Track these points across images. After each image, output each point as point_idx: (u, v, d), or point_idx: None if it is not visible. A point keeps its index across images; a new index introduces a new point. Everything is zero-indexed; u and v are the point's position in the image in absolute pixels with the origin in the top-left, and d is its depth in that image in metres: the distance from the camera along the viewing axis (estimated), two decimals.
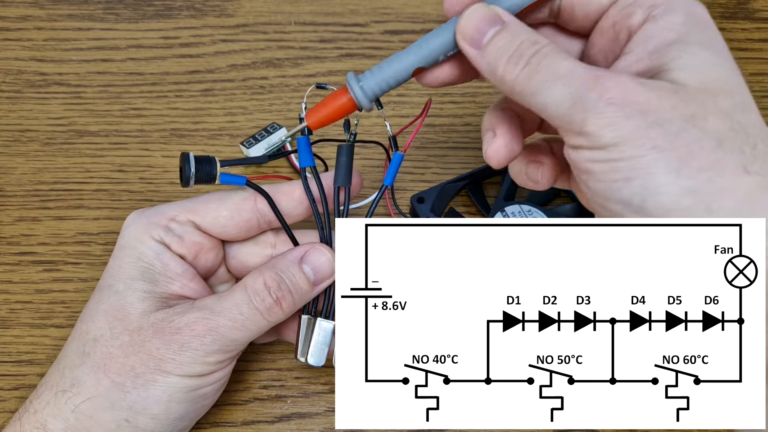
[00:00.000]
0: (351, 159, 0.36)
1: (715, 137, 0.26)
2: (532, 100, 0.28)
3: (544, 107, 0.27)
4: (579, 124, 0.26)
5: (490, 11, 0.29)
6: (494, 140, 0.32)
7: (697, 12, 0.29)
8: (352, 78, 0.31)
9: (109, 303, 0.34)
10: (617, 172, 0.26)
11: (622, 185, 0.26)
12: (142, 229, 0.35)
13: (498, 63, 0.28)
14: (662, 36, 0.28)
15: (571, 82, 0.26)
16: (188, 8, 0.56)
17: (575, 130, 0.27)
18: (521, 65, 0.28)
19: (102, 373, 0.32)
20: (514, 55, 0.28)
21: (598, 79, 0.26)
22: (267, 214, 0.36)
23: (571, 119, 0.26)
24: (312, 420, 0.39)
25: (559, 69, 0.27)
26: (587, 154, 0.27)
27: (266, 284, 0.33)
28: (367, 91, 0.31)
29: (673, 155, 0.25)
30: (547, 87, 0.27)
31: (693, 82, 0.26)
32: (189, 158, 0.34)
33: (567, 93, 0.26)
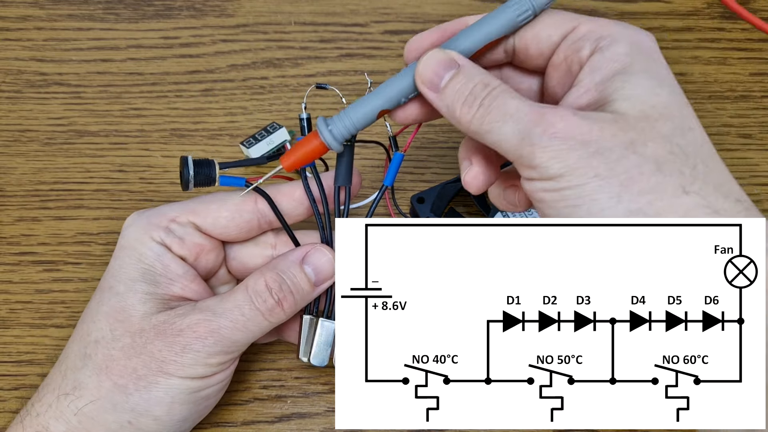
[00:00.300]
0: (351, 159, 0.36)
1: (654, 161, 0.27)
2: (487, 138, 0.29)
3: (498, 144, 0.29)
4: (528, 158, 0.28)
5: (446, 56, 0.31)
6: (471, 168, 0.34)
7: (642, 41, 0.30)
8: (322, 123, 0.33)
9: (110, 305, 0.34)
10: (565, 200, 0.28)
11: (571, 211, 0.28)
12: (143, 230, 0.35)
13: (455, 105, 0.30)
14: (607, 67, 0.30)
15: (519, 119, 0.28)
16: (188, 8, 0.56)
17: (525, 164, 0.28)
18: (475, 107, 0.29)
19: (104, 376, 0.32)
20: (468, 98, 0.30)
21: (543, 116, 0.28)
22: (267, 215, 0.36)
23: (521, 154, 0.28)
24: (312, 420, 0.39)
25: (508, 108, 0.29)
26: (538, 185, 0.29)
27: (267, 285, 0.34)
28: (336, 135, 0.33)
29: (614, 181, 0.27)
30: (499, 126, 0.29)
31: (633, 111, 0.28)
32: (188, 162, 0.34)
33: (516, 130, 0.28)
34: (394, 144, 0.36)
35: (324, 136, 0.33)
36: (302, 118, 0.36)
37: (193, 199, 0.36)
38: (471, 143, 0.34)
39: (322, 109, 0.51)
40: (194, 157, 0.34)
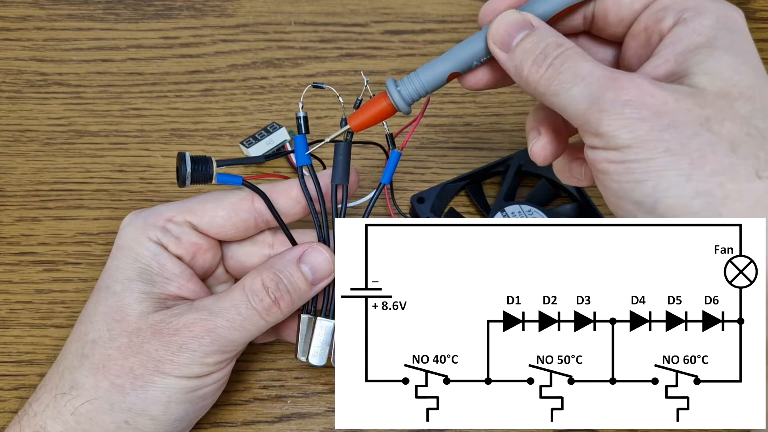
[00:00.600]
0: (348, 157, 0.36)
1: (729, 142, 0.26)
2: (554, 101, 0.28)
3: (565, 108, 0.28)
4: (595, 125, 0.27)
5: (521, 16, 0.30)
6: (539, 138, 0.32)
7: (730, 16, 0.29)
8: (391, 83, 0.33)
9: (107, 304, 0.34)
10: (631, 173, 0.27)
11: (635, 186, 0.27)
12: (140, 230, 0.35)
13: (524, 65, 0.29)
14: (690, 39, 0.28)
15: (590, 83, 0.27)
16: (188, 8, 0.56)
17: (592, 131, 0.27)
18: (544, 67, 0.28)
19: (101, 375, 0.32)
20: (538, 57, 0.29)
21: (615, 81, 0.27)
22: (264, 214, 0.36)
23: (588, 119, 0.27)
24: (312, 420, 0.39)
25: (580, 70, 0.28)
26: (603, 155, 0.27)
27: (264, 284, 0.33)
28: (405, 96, 0.33)
29: (684, 159, 0.26)
30: (568, 88, 0.28)
31: (713, 87, 0.27)
32: (185, 158, 0.34)
33: (585, 93, 0.27)
34: (391, 142, 0.36)
35: (393, 96, 0.33)
36: (299, 117, 0.36)
37: (190, 199, 0.36)
38: (540, 113, 0.33)
39: (321, 109, 0.51)
40: (192, 154, 0.34)
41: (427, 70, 0.32)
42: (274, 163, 0.48)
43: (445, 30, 0.55)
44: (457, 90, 0.52)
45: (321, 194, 0.36)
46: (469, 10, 0.56)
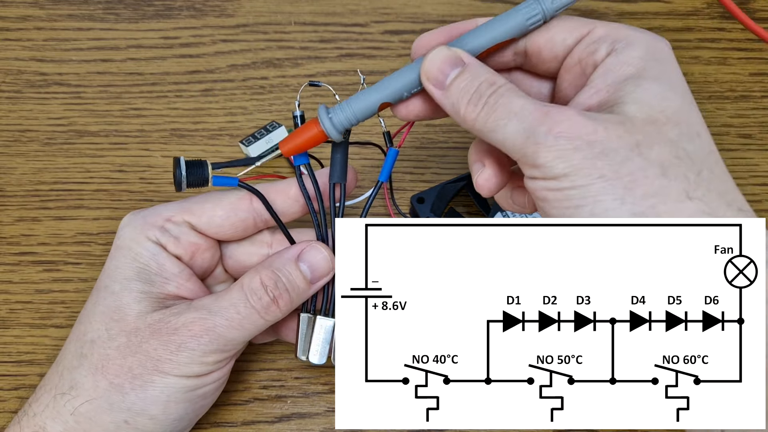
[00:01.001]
0: (346, 155, 0.36)
1: (659, 165, 0.27)
2: (492, 137, 0.29)
3: (503, 143, 0.29)
4: (532, 157, 0.28)
5: (452, 53, 0.31)
6: (483, 171, 0.33)
7: (658, 47, 0.30)
8: (323, 110, 0.33)
9: (106, 304, 0.34)
10: (569, 200, 0.28)
11: (574, 212, 0.28)
12: (138, 229, 0.35)
13: (460, 104, 0.30)
14: (620, 70, 0.30)
15: (523, 118, 0.28)
16: (188, 8, 0.56)
17: (530, 163, 0.28)
18: (480, 106, 0.30)
19: (100, 375, 0.32)
20: (473, 97, 0.30)
21: (547, 114, 0.28)
22: (263, 214, 0.36)
23: (525, 152, 0.28)
24: (312, 420, 0.39)
25: (513, 107, 0.29)
26: (542, 184, 0.28)
27: (263, 283, 0.33)
28: (336, 125, 0.33)
29: (618, 183, 0.27)
30: (504, 124, 0.29)
31: (641, 114, 0.28)
32: (180, 163, 0.34)
33: (520, 128, 0.28)
34: (388, 139, 0.36)
35: (324, 124, 0.33)
36: (296, 115, 0.36)
37: (189, 199, 0.36)
38: (482, 145, 0.34)
39: None
40: (187, 158, 0.34)
41: (359, 99, 0.33)
42: (274, 162, 0.48)
43: None
44: None
45: (319, 193, 0.36)
46: (469, 10, 0.56)
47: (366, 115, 0.33)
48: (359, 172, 0.47)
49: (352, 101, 0.33)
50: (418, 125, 0.50)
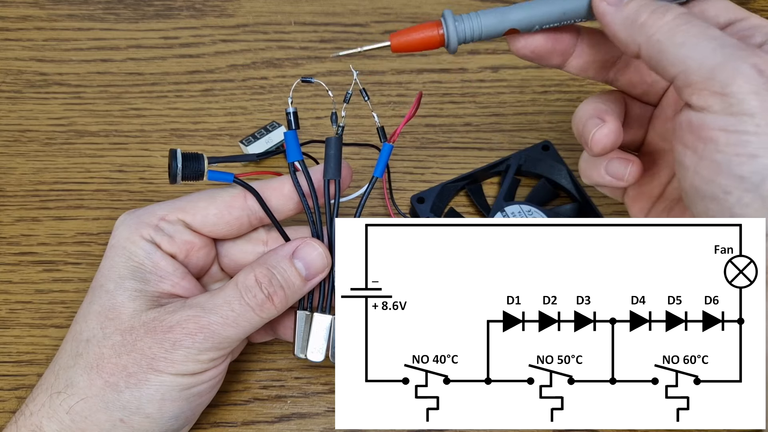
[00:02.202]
0: (340, 151, 0.36)
1: None
2: (673, 51, 0.27)
3: (685, 59, 0.27)
4: (722, 84, 0.26)
5: None
6: (603, 125, 0.31)
7: None
8: (450, 15, 0.31)
9: (100, 303, 0.34)
10: (744, 145, 0.25)
11: (745, 161, 0.26)
12: (133, 228, 0.35)
13: (641, 13, 0.28)
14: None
15: (724, 43, 0.26)
16: (188, 8, 0.56)
17: (714, 89, 0.26)
18: (670, 15, 0.27)
19: (95, 374, 0.32)
20: (660, 8, 0.28)
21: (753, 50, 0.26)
22: (258, 211, 0.36)
23: (715, 76, 0.26)
24: (312, 420, 0.39)
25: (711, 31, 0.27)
26: (718, 120, 0.26)
27: (257, 280, 0.33)
28: (460, 33, 0.31)
29: None
30: (697, 41, 0.27)
31: None
32: (176, 155, 0.34)
33: (718, 50, 0.26)
34: (382, 135, 0.36)
35: (448, 28, 0.31)
36: (289, 113, 0.36)
37: (183, 197, 0.36)
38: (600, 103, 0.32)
39: (322, 109, 0.51)
40: (184, 151, 0.34)
41: (490, 14, 0.31)
42: (273, 161, 0.48)
43: None
44: (457, 90, 0.52)
45: (313, 190, 0.36)
46: (469, 10, 0.56)
47: (491, 33, 0.31)
48: (358, 172, 0.47)
49: (483, 15, 0.31)
50: (417, 125, 0.50)
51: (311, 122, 0.50)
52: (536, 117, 0.51)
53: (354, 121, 0.50)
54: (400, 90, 0.52)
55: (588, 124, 0.32)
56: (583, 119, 0.32)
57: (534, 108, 0.51)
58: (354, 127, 0.49)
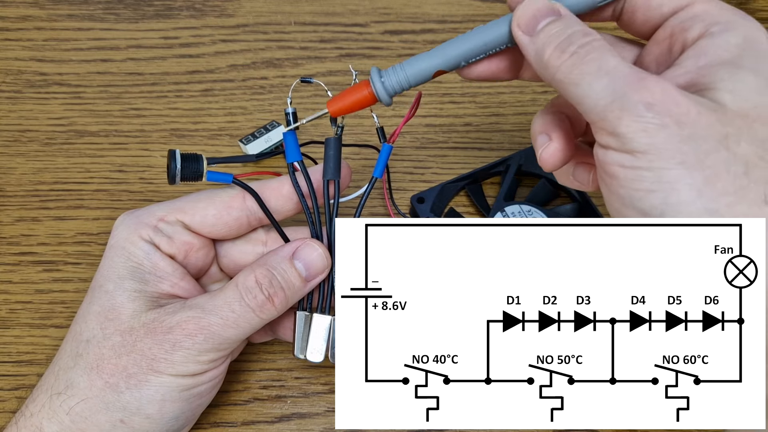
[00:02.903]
0: (339, 151, 0.36)
1: (744, 163, 0.26)
2: (572, 90, 0.27)
3: (582, 99, 0.27)
4: (613, 123, 0.26)
5: (549, 4, 0.29)
6: (550, 144, 0.32)
7: (757, 37, 0.28)
8: (375, 73, 0.32)
9: (100, 304, 0.34)
10: (641, 181, 0.26)
11: (644, 195, 0.26)
12: (132, 229, 0.35)
13: (546, 49, 0.28)
14: (715, 54, 0.28)
15: (614, 78, 0.26)
16: (188, 8, 0.56)
17: (608, 129, 0.26)
18: (568, 53, 0.28)
19: (95, 374, 0.32)
20: (563, 43, 0.28)
21: (642, 81, 0.26)
22: (257, 212, 0.36)
23: (606, 116, 0.26)
24: (312, 420, 0.39)
25: (606, 64, 0.27)
26: (615, 157, 0.27)
27: (257, 281, 0.33)
28: (388, 88, 0.32)
29: (699, 174, 0.25)
30: (590, 80, 0.27)
31: (734, 106, 0.26)
32: (175, 155, 0.34)
33: (608, 88, 0.26)
34: (381, 135, 0.36)
35: (375, 86, 0.32)
36: (288, 113, 0.36)
37: (182, 198, 0.36)
38: (548, 118, 0.32)
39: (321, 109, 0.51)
40: (183, 152, 0.34)
41: (413, 63, 0.32)
42: (272, 162, 0.48)
43: (445, 30, 0.55)
44: (457, 90, 0.52)
45: (312, 190, 0.36)
46: (469, 10, 0.56)
47: (419, 80, 0.32)
48: (358, 172, 0.47)
49: (407, 65, 0.32)
50: (417, 125, 0.50)
51: (312, 122, 0.50)
52: None
53: (354, 122, 0.50)
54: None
55: (537, 141, 0.32)
56: (534, 135, 0.33)
57: (534, 108, 0.51)
58: (354, 127, 0.49)
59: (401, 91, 0.33)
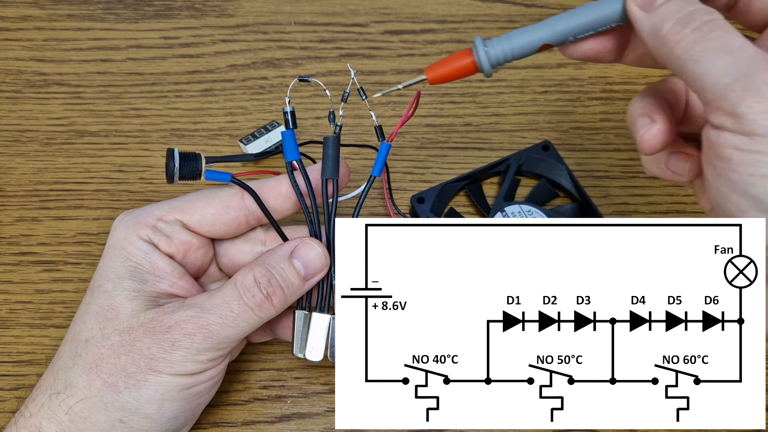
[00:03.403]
0: (338, 150, 0.36)
1: None
2: (690, 67, 0.27)
3: (701, 77, 0.26)
4: (733, 103, 0.25)
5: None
6: (652, 126, 0.30)
7: None
8: (480, 42, 0.32)
9: (99, 303, 0.34)
10: (757, 165, 0.25)
11: (758, 181, 0.25)
12: (130, 229, 0.35)
13: (664, 23, 0.27)
14: None
15: (739, 58, 0.26)
16: (188, 8, 0.56)
17: (726, 109, 0.26)
18: (690, 28, 0.27)
19: (94, 374, 0.32)
20: (684, 18, 0.27)
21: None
22: (255, 211, 0.36)
23: (726, 95, 0.25)
24: (312, 420, 0.39)
25: (730, 42, 0.26)
26: (731, 139, 0.26)
27: (256, 280, 0.33)
28: (492, 58, 0.31)
29: None
30: (712, 56, 0.26)
31: None
32: (173, 154, 0.34)
33: (732, 67, 0.25)
34: (380, 133, 0.36)
35: (479, 55, 0.31)
36: (286, 112, 0.36)
37: (181, 197, 0.36)
38: (651, 98, 0.31)
39: (321, 109, 0.51)
40: (182, 151, 0.34)
41: (520, 35, 0.31)
42: (272, 161, 0.48)
43: (445, 30, 0.55)
44: (457, 90, 0.52)
45: (311, 189, 0.36)
46: (469, 10, 0.56)
47: (524, 53, 0.31)
48: (358, 172, 0.47)
49: (512, 36, 0.31)
50: (417, 125, 0.50)
51: (311, 122, 0.50)
52: (536, 117, 0.51)
53: (353, 122, 0.50)
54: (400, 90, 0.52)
55: (637, 123, 0.31)
56: (634, 117, 0.31)
57: (534, 108, 0.51)
58: (354, 127, 0.49)
59: (504, 62, 0.32)
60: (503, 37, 0.31)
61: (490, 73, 0.32)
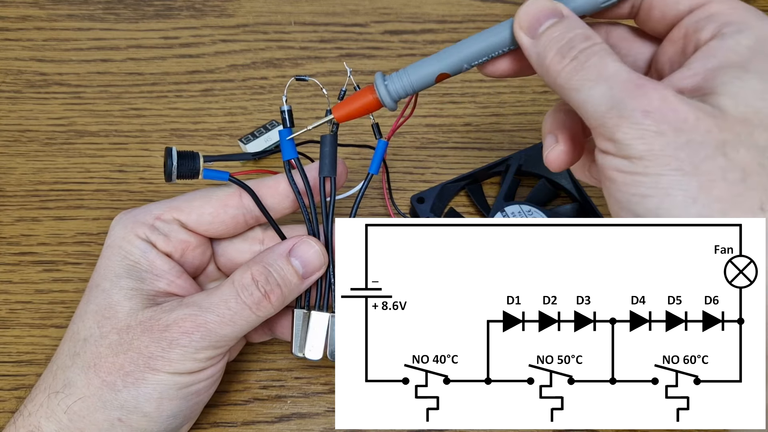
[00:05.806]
0: (335, 149, 0.36)
1: (741, 169, 0.25)
2: (571, 96, 0.28)
3: (582, 105, 0.27)
4: (611, 130, 0.26)
5: (551, 4, 0.29)
6: (555, 146, 0.32)
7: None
8: (380, 78, 0.33)
9: (97, 302, 0.34)
10: (637, 186, 0.26)
11: (639, 200, 0.26)
12: (128, 228, 0.35)
13: (547, 53, 0.28)
14: (724, 57, 0.27)
15: (613, 84, 0.26)
16: (188, 8, 0.56)
17: (606, 135, 0.27)
18: (568, 59, 0.28)
19: (92, 373, 0.32)
20: (563, 47, 0.28)
21: (640, 88, 0.26)
22: (253, 210, 0.36)
23: (605, 122, 0.26)
24: (312, 420, 0.39)
25: (605, 70, 0.27)
26: (613, 162, 0.27)
27: (254, 278, 0.33)
28: (392, 93, 0.33)
29: (694, 181, 0.25)
30: (589, 86, 0.27)
31: (735, 111, 0.26)
32: (171, 153, 0.34)
33: (607, 95, 0.26)
34: (377, 132, 0.36)
35: (380, 91, 0.33)
36: (283, 111, 0.36)
37: (179, 197, 0.36)
38: (557, 116, 0.32)
39: (321, 109, 0.51)
40: (179, 149, 0.34)
41: (417, 69, 0.32)
42: (271, 161, 0.48)
43: (445, 30, 0.55)
44: (456, 90, 0.52)
45: (309, 188, 0.36)
46: (469, 10, 0.56)
47: (423, 85, 0.32)
48: (357, 172, 0.47)
49: (410, 70, 0.32)
50: (417, 125, 0.50)
51: (311, 122, 0.50)
52: (536, 117, 0.51)
53: (352, 121, 0.49)
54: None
55: (545, 142, 0.32)
56: (543, 134, 0.33)
57: (534, 108, 0.51)
58: (353, 127, 0.50)
59: (405, 96, 0.33)
60: (402, 72, 0.32)
61: (394, 107, 0.33)
